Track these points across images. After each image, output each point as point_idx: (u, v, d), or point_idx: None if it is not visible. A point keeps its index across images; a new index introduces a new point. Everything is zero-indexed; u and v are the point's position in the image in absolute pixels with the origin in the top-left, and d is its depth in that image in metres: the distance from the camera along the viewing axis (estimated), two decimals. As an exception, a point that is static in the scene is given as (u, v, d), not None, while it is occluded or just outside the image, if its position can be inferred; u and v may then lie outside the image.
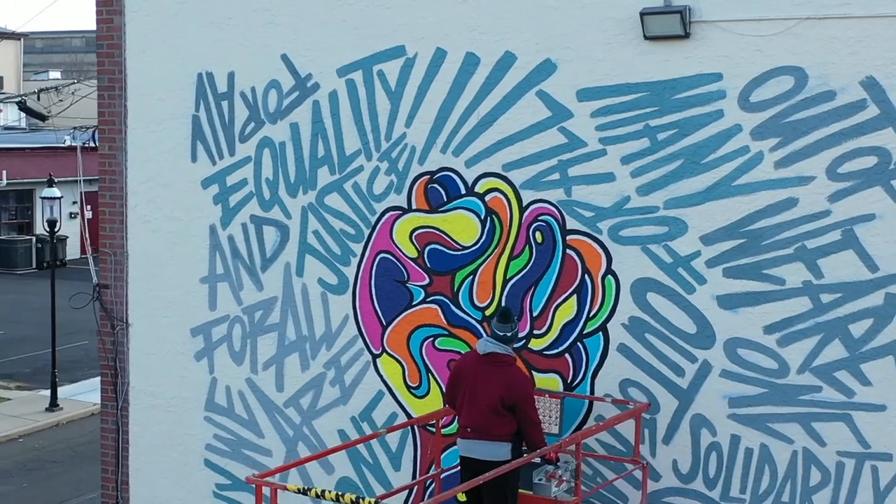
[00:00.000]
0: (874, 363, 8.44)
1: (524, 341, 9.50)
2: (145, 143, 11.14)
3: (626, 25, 8.95)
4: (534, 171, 9.40)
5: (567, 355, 9.42)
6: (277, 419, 10.72)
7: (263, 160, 10.56)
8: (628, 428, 9.09)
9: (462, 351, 9.72)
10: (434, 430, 9.39)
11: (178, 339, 11.13)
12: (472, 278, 9.73)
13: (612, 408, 9.21)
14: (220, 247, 10.86)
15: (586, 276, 9.29)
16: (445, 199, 9.80)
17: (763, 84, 8.58)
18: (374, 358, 10.22)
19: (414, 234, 9.95)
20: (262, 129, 10.53)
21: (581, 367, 9.37)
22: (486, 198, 9.62)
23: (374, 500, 7.37)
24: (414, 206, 9.93)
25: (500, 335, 8.51)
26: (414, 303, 10.00)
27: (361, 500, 7.23)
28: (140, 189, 11.21)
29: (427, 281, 9.92)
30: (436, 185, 9.83)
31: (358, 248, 10.21)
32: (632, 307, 9.15)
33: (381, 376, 10.20)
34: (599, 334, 9.28)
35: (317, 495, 7.55)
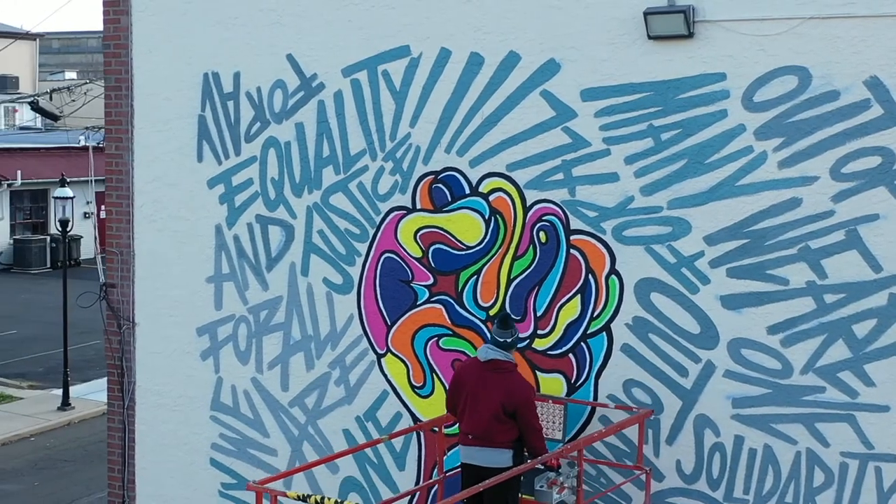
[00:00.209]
0: (878, 364, 8.41)
1: (528, 341, 9.49)
2: (151, 143, 11.18)
3: (630, 25, 8.94)
4: (538, 170, 9.39)
5: (571, 355, 9.41)
6: (283, 418, 10.74)
7: (269, 160, 10.59)
8: (632, 429, 9.07)
9: (466, 351, 9.73)
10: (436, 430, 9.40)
11: (184, 339, 11.17)
12: (477, 278, 9.73)
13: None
14: (226, 246, 10.89)
15: (590, 275, 9.28)
16: (450, 199, 9.80)
17: (767, 84, 8.55)
18: (379, 357, 10.23)
19: (418, 234, 9.95)
20: (267, 128, 10.56)
21: (585, 367, 9.36)
22: (491, 198, 9.62)
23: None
24: (418, 206, 9.94)
25: (501, 341, 8.48)
26: (418, 302, 10.01)
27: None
28: (146, 188, 11.24)
29: (431, 281, 9.92)
30: (440, 185, 9.83)
31: (363, 247, 10.23)
32: (635, 307, 9.13)
33: (385, 376, 10.21)
34: (603, 334, 9.27)
35: (316, 503, 7.54)
